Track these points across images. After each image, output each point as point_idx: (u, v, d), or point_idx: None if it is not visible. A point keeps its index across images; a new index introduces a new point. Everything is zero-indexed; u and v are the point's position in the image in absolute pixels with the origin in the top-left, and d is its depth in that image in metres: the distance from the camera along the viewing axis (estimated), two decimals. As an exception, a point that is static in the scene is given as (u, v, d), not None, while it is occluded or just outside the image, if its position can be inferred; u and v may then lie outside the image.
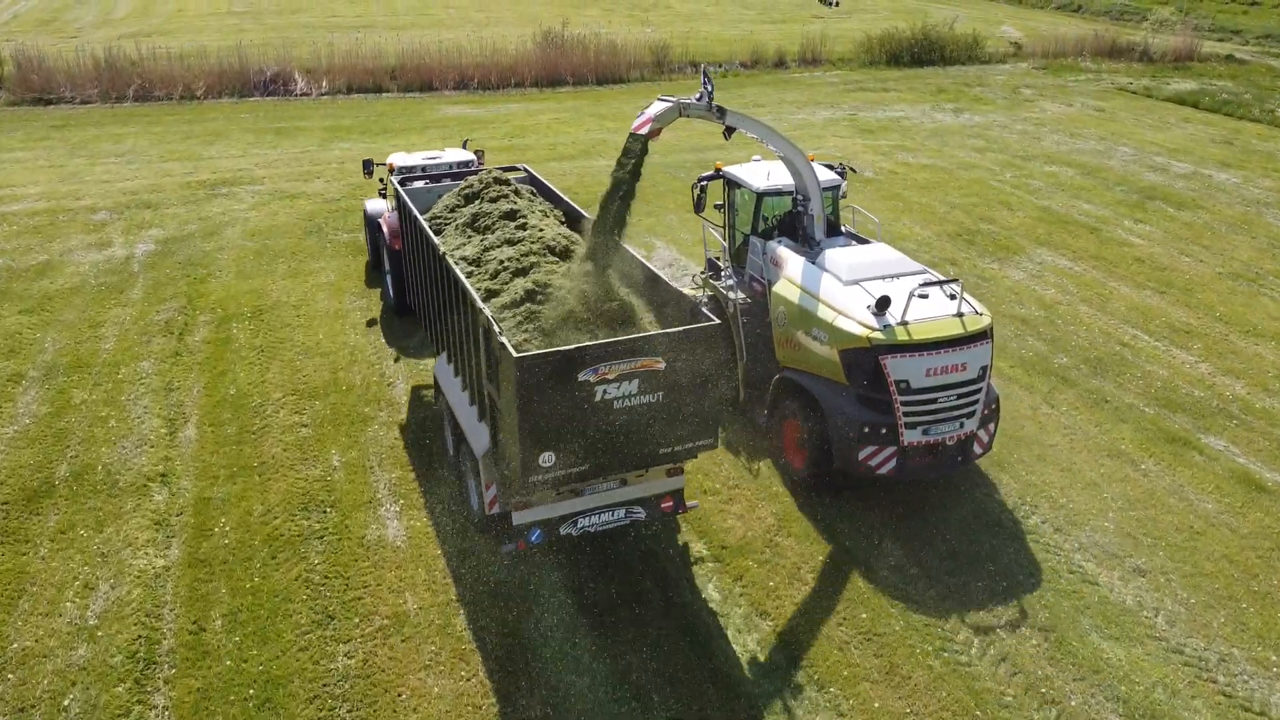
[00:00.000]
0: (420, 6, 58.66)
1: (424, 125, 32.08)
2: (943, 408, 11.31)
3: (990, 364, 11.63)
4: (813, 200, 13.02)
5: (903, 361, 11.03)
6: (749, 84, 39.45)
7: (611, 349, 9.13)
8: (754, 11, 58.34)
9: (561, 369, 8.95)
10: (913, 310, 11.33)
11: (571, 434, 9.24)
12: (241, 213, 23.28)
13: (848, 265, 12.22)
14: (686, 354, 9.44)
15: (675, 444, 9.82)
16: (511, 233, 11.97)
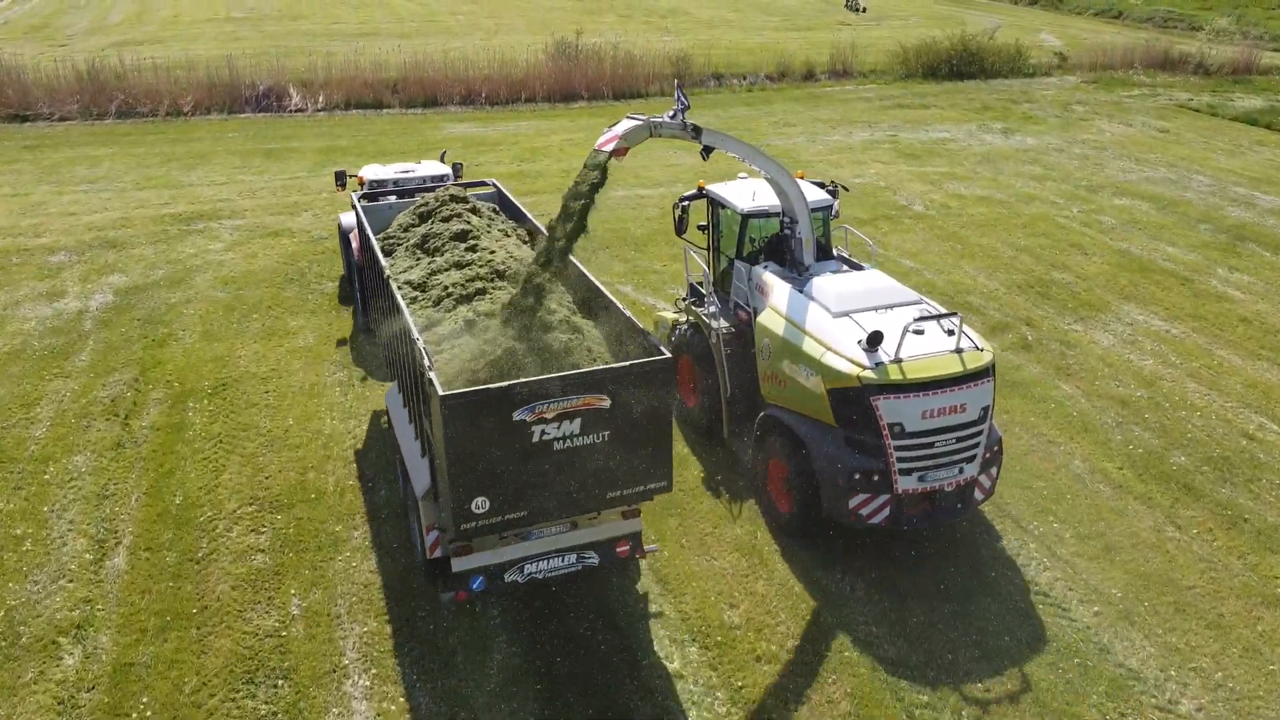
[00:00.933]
0: (426, 13, 56.08)
1: (425, 146, 29.41)
2: (941, 452, 10.48)
3: (993, 404, 10.75)
4: (800, 222, 12.16)
5: (896, 403, 10.24)
6: (776, 99, 36.70)
7: (549, 386, 8.55)
8: (777, 18, 55.55)
9: (493, 408, 8.41)
10: (907, 346, 10.46)
11: (507, 477, 8.72)
12: (216, 254, 20.67)
13: (837, 294, 11.36)
14: (633, 391, 8.87)
15: (624, 487, 9.28)
16: (461, 255, 11.46)
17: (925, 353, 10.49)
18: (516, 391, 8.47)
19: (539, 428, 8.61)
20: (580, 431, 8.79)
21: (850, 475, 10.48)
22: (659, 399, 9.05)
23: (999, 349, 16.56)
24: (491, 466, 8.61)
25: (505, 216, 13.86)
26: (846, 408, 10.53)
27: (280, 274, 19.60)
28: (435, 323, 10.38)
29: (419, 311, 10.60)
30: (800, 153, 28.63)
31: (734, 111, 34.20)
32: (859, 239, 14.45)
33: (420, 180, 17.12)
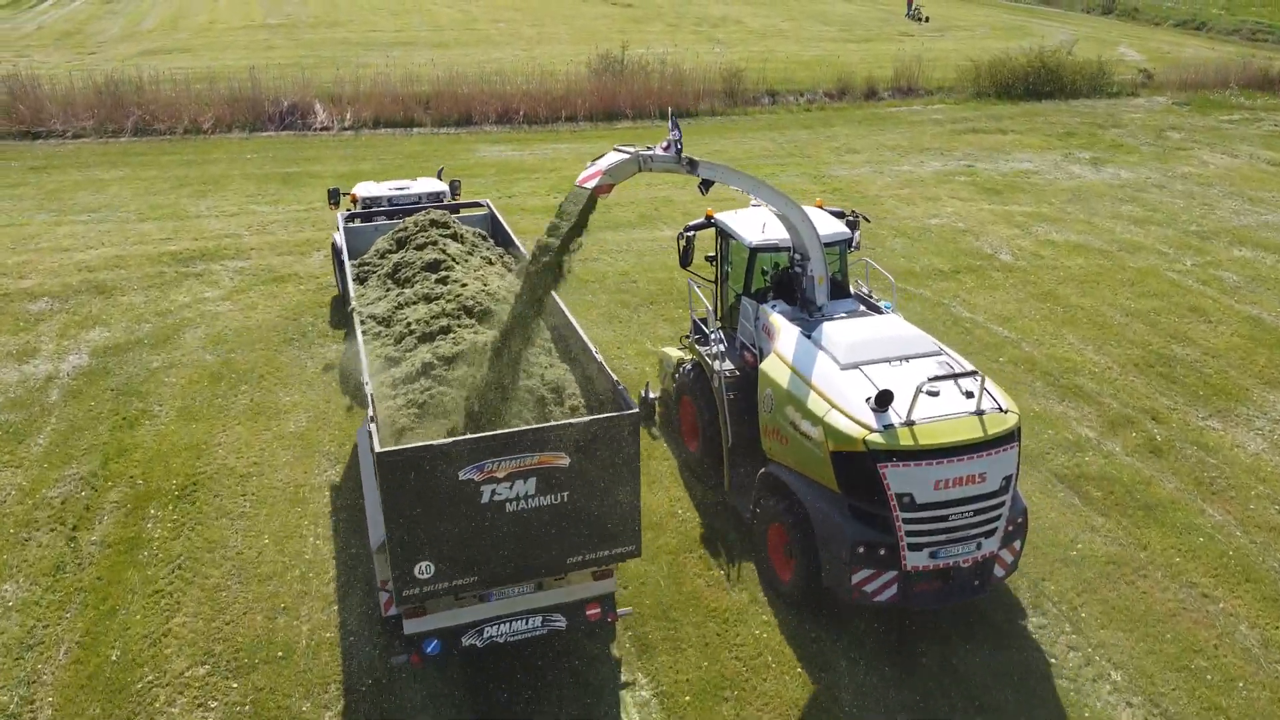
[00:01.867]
0: (466, 20, 53.89)
1: (455, 172, 27.01)
2: (956, 526, 9.46)
3: (1017, 472, 9.67)
4: (813, 260, 11.14)
5: (906, 471, 9.23)
6: (837, 120, 33.86)
7: (499, 443, 7.99)
8: (834, 28, 52.57)
9: (437, 466, 7.82)
10: (921, 407, 9.39)
11: (454, 541, 8.13)
12: (212, 304, 18.39)
13: (847, 343, 10.37)
14: (596, 448, 8.29)
15: (586, 551, 8.69)
16: (430, 287, 10.93)
17: (941, 414, 9.41)
18: (463, 448, 7.86)
19: (489, 487, 8.03)
20: (536, 492, 8.22)
21: (853, 548, 9.53)
22: (625, 457, 8.45)
23: (1122, 450, 13.74)
24: (436, 529, 8.04)
25: (493, 243, 13.27)
26: (851, 473, 9.54)
27: (279, 331, 17.25)
28: (394, 362, 9.77)
29: (379, 349, 10.05)
30: (866, 186, 25.81)
31: (792, 135, 31.43)
32: (882, 275, 13.22)
33: (415, 198, 16.36)
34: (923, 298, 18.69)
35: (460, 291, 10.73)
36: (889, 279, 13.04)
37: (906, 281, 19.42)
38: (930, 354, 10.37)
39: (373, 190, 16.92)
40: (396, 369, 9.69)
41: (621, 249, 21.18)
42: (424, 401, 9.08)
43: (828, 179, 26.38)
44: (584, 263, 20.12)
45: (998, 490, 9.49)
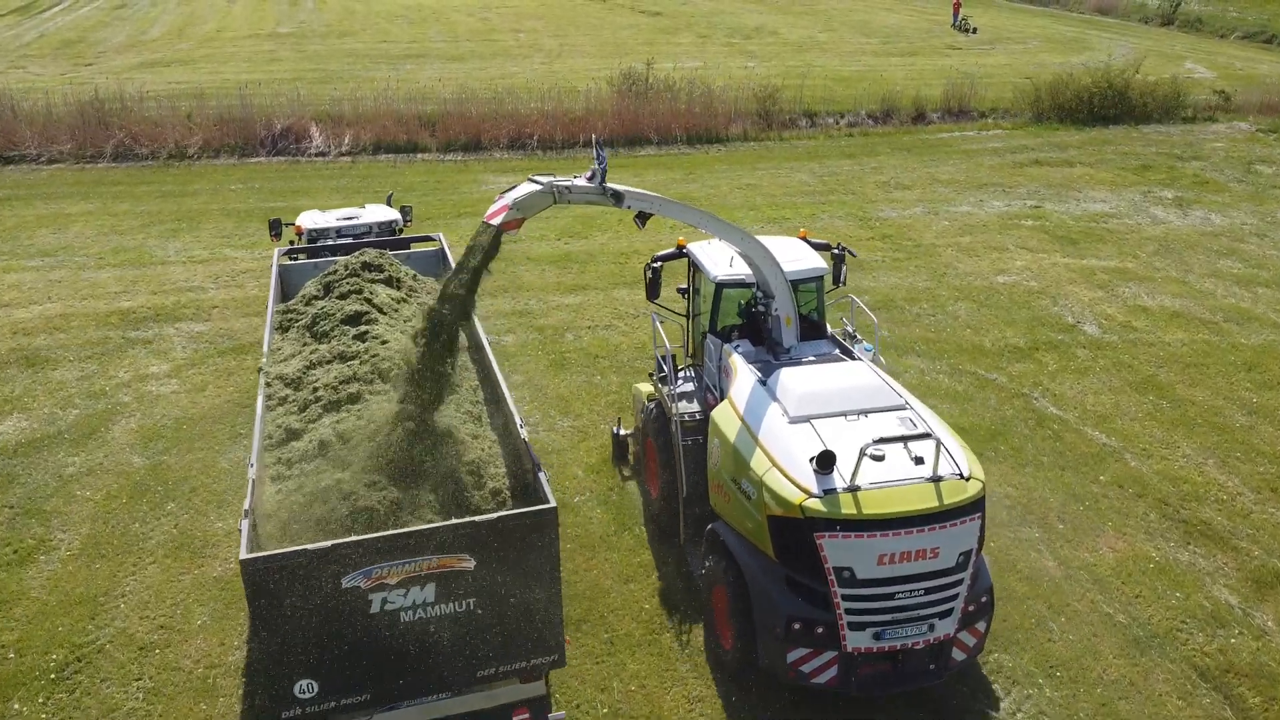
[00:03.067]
0: (485, 30, 51.12)
1: (457, 209, 24.20)
2: (904, 605, 8.42)
3: (979, 546, 8.61)
4: (777, 298, 10.40)
5: (845, 543, 8.21)
6: (881, 147, 30.69)
7: (389, 544, 6.99)
8: (876, 40, 49.28)
9: (315, 573, 6.84)
10: (867, 471, 8.39)
11: (340, 656, 7.17)
12: (155, 384, 15.63)
13: (800, 393, 9.41)
14: (507, 548, 7.32)
15: (500, 664, 7.70)
16: (348, 344, 9.95)
17: (892, 479, 8.49)
18: (345, 552, 6.96)
19: (379, 595, 7.16)
20: (436, 599, 7.35)
21: (788, 624, 8.66)
22: (542, 558, 7.59)
23: (1277, 625, 10.59)
24: (318, 643, 7.14)
25: (435, 282, 12.05)
26: (787, 541, 8.65)
27: (226, 423, 14.43)
28: (296, 435, 8.82)
29: (281, 418, 9.08)
30: (921, 231, 22.67)
31: (833, 166, 28.29)
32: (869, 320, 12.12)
33: (366, 228, 15.21)
34: (998, 385, 15.59)
35: (378, 350, 9.64)
36: (873, 321, 11.91)
37: (978, 362, 16.33)
38: (893, 408, 9.31)
39: (318, 221, 15.30)
40: (297, 442, 8.71)
41: (639, 311, 18.20)
42: (319, 487, 7.94)
43: (876, 222, 23.26)
44: (572, 331, 17.27)
45: (953, 567, 8.51)
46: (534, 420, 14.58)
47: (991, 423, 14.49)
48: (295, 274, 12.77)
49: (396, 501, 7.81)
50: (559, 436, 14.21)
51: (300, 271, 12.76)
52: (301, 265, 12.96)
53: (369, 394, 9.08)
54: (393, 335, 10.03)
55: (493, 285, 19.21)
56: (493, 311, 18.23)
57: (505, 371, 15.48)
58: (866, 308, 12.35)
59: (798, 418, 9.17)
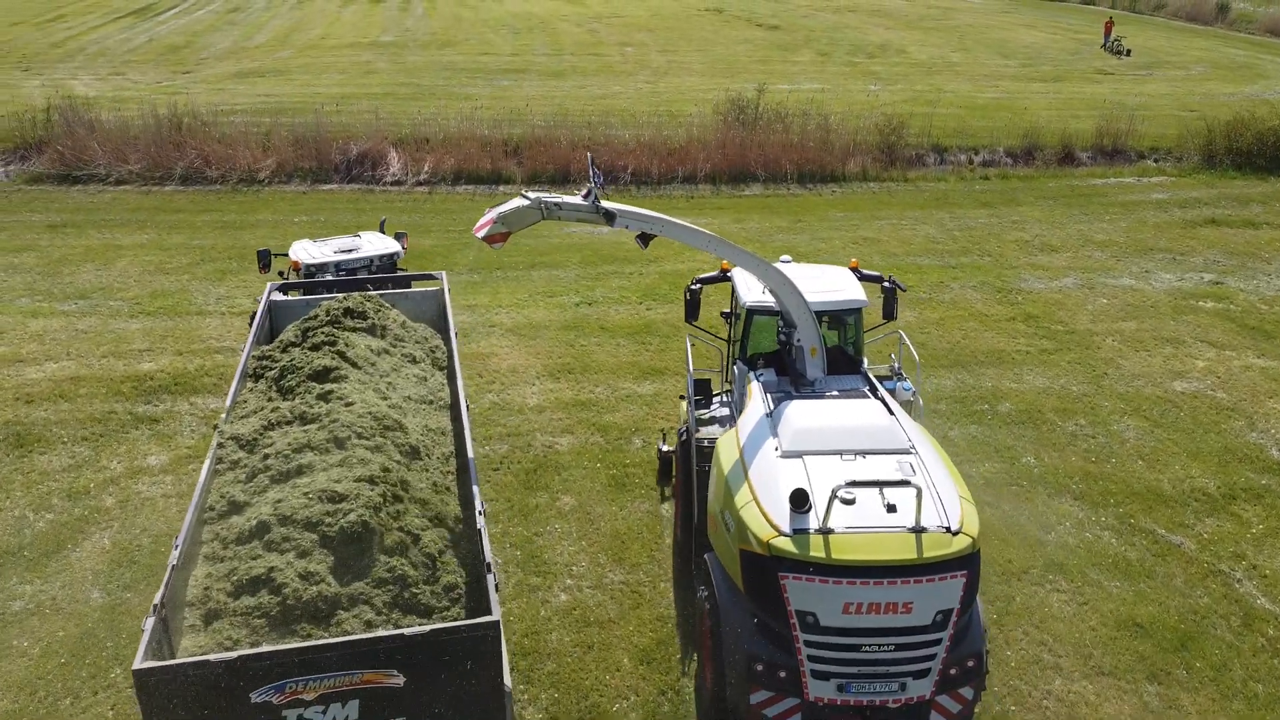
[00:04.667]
0: (591, 44, 48.57)
1: (530, 259, 21.53)
2: (871, 659, 7.99)
3: (961, 606, 7.93)
4: (800, 327, 10.19)
5: (810, 586, 7.85)
6: (1024, 194, 26.72)
7: (304, 658, 6.30)
8: (1015, 61, 44.77)
9: (218, 686, 6.22)
10: (841, 514, 7.99)
11: None
12: (147, 481, 13.34)
13: (798, 428, 9.01)
14: (441, 665, 6.53)
15: None
16: (310, 404, 8.88)
17: (870, 525, 7.93)
18: (253, 665, 6.22)
19: (294, 712, 6.38)
20: (360, 718, 6.48)
21: (750, 664, 8.20)
22: (483, 676, 6.63)
23: None
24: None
25: (430, 330, 11.39)
26: (755, 578, 8.17)
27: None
28: (238, 509, 7.85)
29: (227, 487, 8.08)
30: (1074, 311, 18.86)
31: (966, 218, 24.55)
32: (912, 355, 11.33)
33: (365, 262, 14.40)
34: (1184, 554, 11.94)
35: (340, 414, 8.62)
36: (915, 357, 11.37)
37: (1155, 513, 12.68)
38: (897, 451, 8.80)
39: (315, 255, 14.35)
40: (238, 517, 7.78)
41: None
42: (250, 576, 7.09)
43: (1018, 296, 19.55)
44: (641, 431, 14.29)
45: (930, 626, 7.94)
46: (578, 570, 11.64)
47: (1178, 619, 10.88)
48: (289, 313, 11.49)
49: (333, 599, 7.03)
50: (605, 597, 11.22)
51: (294, 310, 11.46)
52: (295, 303, 11.70)
53: (321, 466, 8.06)
54: (360, 396, 9.04)
55: (556, 364, 16.44)
56: (553, 401, 15.39)
57: (555, 489, 12.77)
58: (911, 345, 11.67)
59: (790, 453, 8.82)
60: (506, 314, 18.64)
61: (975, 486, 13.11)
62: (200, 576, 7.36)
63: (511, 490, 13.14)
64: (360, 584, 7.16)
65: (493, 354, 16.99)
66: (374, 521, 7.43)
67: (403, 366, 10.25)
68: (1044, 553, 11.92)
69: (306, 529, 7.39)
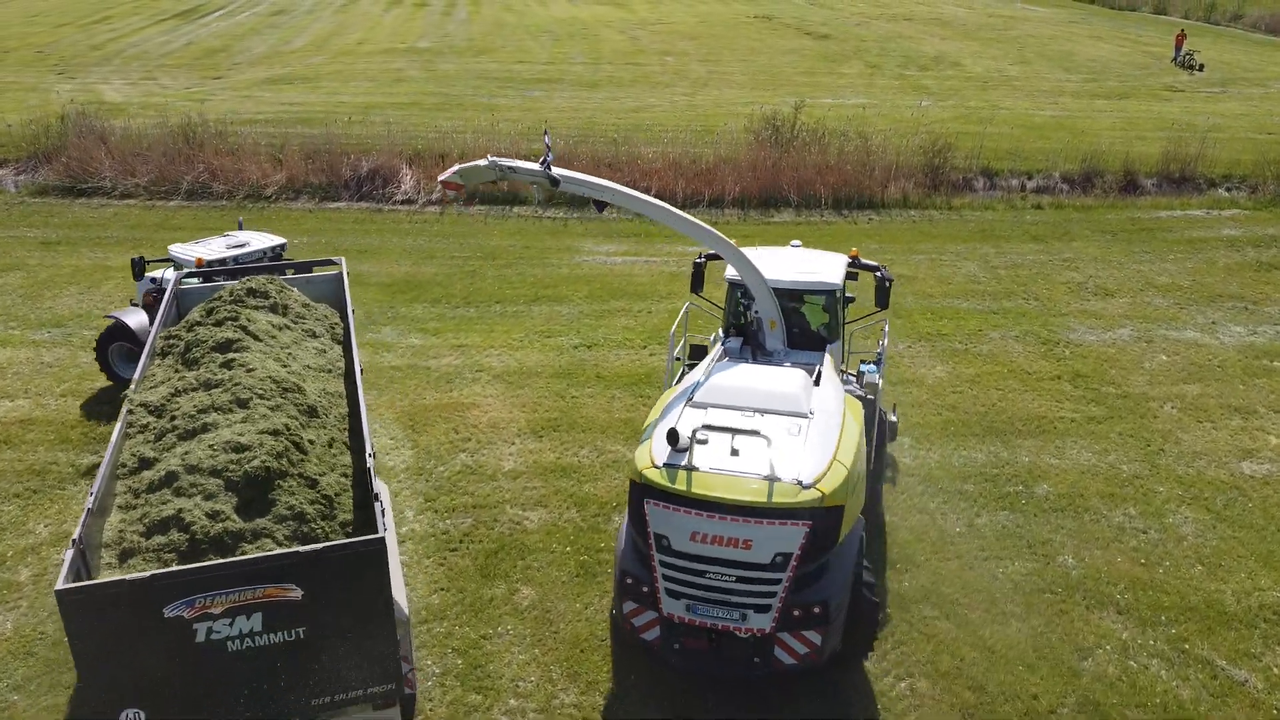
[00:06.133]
0: (632, 52, 47.01)
1: (535, 290, 20.02)
2: (715, 587, 9.07)
3: (803, 554, 8.83)
4: (758, 301, 11.28)
5: (664, 512, 9.05)
6: (1079, 227, 24.53)
7: (210, 575, 7.10)
8: (1078, 76, 42.22)
9: (132, 602, 6.94)
10: (703, 455, 9.14)
11: (166, 685, 7.30)
12: (55, 572, 11.99)
13: (717, 384, 10.22)
14: (335, 578, 7.40)
15: (334, 693, 7.78)
16: (214, 372, 9.75)
17: (725, 469, 9.07)
18: (163, 583, 7.00)
19: (203, 625, 7.18)
20: (264, 628, 7.33)
21: (622, 577, 9.52)
22: (370, 587, 7.54)
23: None
24: (141, 672, 7.20)
25: (330, 310, 12.22)
26: (632, 504, 9.41)
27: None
28: (148, 464, 8.58)
29: (138, 446, 8.84)
30: (1129, 370, 16.79)
31: (1014, 253, 22.49)
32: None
33: (259, 254, 15.37)
34: (1250, 695, 9.96)
35: (242, 379, 9.42)
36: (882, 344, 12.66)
37: (1214, 638, 10.71)
38: (792, 414, 9.70)
39: (214, 251, 15.01)
40: (148, 471, 8.45)
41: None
42: (161, 517, 7.81)
43: (1066, 349, 17.54)
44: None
45: (768, 565, 8.89)
46: (526, 686, 10.05)
47: None
48: (189, 299, 12.21)
49: (238, 533, 7.78)
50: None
51: (202, 296, 12.00)
52: (201, 289, 12.34)
53: (225, 424, 8.87)
54: (261, 364, 9.87)
55: (541, 419, 14.88)
56: (531, 465, 13.84)
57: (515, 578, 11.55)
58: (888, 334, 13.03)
59: (699, 403, 9.92)
60: (497, 356, 17.14)
61: (1002, 590, 11.29)
62: (114, 522, 8.00)
63: (466, 578, 11.60)
64: (263, 520, 7.94)
65: (474, 405, 15.49)
66: (276, 466, 8.26)
67: (303, 340, 11.05)
68: (1078, 686, 10.04)
69: (212, 475, 8.17)
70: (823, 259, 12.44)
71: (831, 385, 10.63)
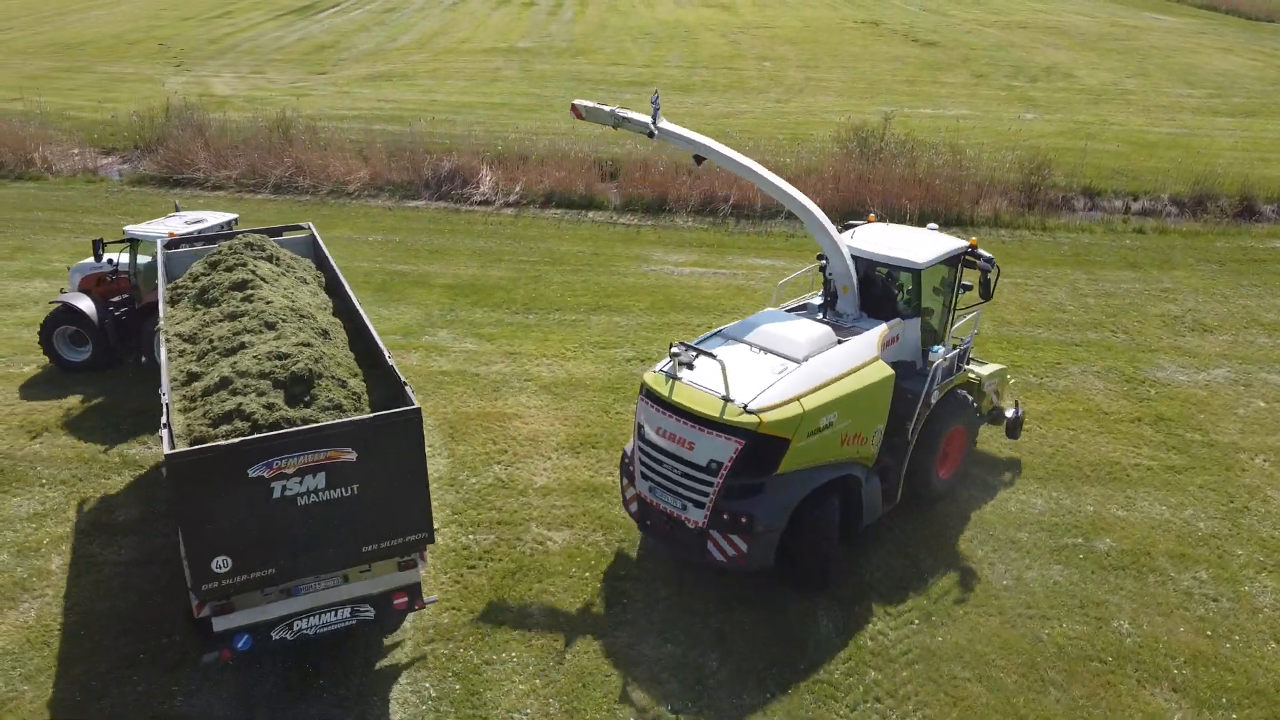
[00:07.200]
0: (730, 56, 46.38)
1: (597, 298, 19.73)
2: (667, 476, 10.88)
3: (733, 466, 10.33)
4: (832, 264, 12.33)
5: (646, 407, 11.00)
6: (1182, 253, 22.93)
7: (286, 441, 8.63)
8: (1202, 91, 39.78)
9: (225, 465, 8.44)
10: (696, 373, 10.88)
11: (248, 536, 8.71)
12: (84, 562, 12.20)
13: (746, 325, 11.90)
14: (381, 443, 8.95)
15: (381, 540, 9.31)
16: (237, 305, 11.24)
17: (696, 383, 10.74)
18: (248, 448, 8.47)
19: (279, 484, 8.63)
20: (326, 486, 8.82)
21: (625, 459, 11.70)
22: (409, 450, 9.11)
23: None
24: (229, 524, 8.57)
25: (312, 264, 13.63)
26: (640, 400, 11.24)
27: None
28: (196, 377, 10.15)
29: (183, 365, 10.40)
30: (1220, 416, 15.49)
31: (1106, 280, 21.13)
32: None
33: (219, 227, 16.27)
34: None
35: (264, 309, 10.88)
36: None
37: (1279, 729, 9.64)
38: (784, 356, 11.13)
39: (181, 228, 15.91)
40: (199, 382, 9.94)
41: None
42: (223, 411, 9.21)
43: (1150, 388, 16.32)
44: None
45: (703, 467, 10.47)
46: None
47: None
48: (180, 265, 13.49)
49: (291, 420, 9.08)
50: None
51: (185, 261, 13.45)
52: (184, 254, 13.71)
53: (260, 342, 10.26)
54: (276, 297, 11.27)
55: (581, 434, 14.46)
56: (563, 483, 13.52)
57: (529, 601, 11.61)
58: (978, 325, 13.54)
59: (725, 335, 11.77)
60: (548, 366, 16.88)
61: (1044, 655, 10.43)
62: (179, 421, 9.33)
63: (480, 597, 11.33)
64: (309, 410, 9.32)
65: (517, 416, 15.26)
66: (314, 369, 9.75)
67: (298, 285, 12.33)
68: (1116, 772, 9.16)
69: (261, 378, 9.57)
70: (925, 241, 12.73)
71: (856, 348, 11.44)
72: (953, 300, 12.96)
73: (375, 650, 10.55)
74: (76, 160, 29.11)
